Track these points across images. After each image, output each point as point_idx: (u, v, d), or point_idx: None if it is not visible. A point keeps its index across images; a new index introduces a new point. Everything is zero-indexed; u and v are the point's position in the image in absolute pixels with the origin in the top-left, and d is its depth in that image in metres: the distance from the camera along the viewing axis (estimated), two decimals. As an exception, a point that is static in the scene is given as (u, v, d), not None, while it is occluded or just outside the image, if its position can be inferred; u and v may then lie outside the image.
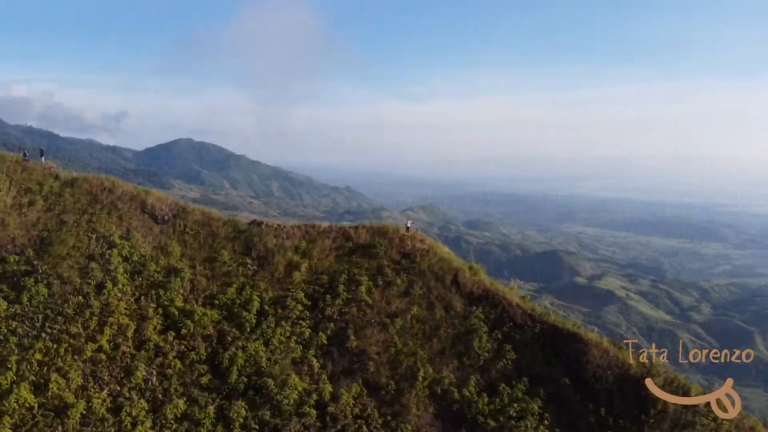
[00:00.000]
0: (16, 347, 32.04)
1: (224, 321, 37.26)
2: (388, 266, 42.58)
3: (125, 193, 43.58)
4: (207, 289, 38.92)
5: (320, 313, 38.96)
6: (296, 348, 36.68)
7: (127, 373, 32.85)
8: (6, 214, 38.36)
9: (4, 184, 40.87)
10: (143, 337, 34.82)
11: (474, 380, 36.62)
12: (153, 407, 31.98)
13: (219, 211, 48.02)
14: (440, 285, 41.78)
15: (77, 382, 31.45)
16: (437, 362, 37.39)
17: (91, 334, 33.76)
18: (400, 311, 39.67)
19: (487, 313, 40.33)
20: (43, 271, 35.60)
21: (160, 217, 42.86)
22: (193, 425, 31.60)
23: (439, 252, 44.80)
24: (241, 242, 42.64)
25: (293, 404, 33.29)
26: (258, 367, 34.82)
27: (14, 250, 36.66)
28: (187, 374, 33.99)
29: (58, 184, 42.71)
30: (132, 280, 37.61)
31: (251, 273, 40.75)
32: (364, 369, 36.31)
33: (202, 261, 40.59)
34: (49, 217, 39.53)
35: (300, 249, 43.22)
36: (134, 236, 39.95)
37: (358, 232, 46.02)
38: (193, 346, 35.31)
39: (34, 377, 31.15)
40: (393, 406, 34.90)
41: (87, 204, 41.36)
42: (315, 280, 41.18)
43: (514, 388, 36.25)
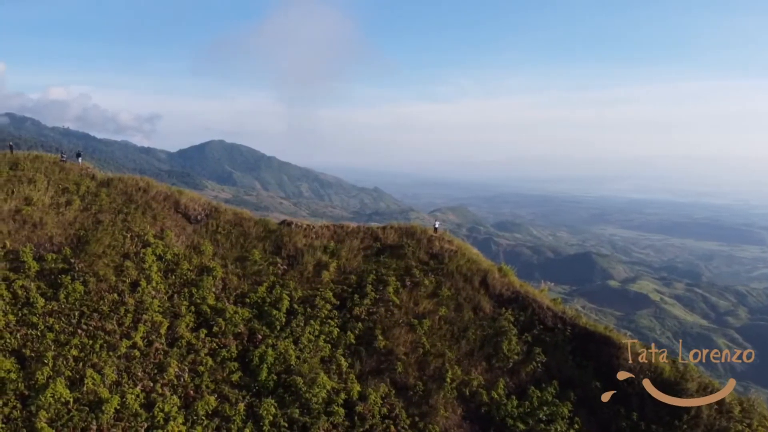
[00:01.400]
0: (52, 343, 32.83)
1: (255, 319, 37.74)
2: (416, 267, 42.57)
3: (159, 193, 44.45)
4: (238, 288, 39.47)
5: (348, 312, 39.15)
6: (325, 347, 36.94)
7: (160, 369, 33.44)
8: (44, 213, 39.45)
9: (43, 184, 42.04)
10: (176, 334, 35.44)
11: (503, 382, 36.35)
12: (185, 403, 32.44)
13: (250, 212, 48.64)
14: (469, 286, 41.56)
15: (111, 377, 32.07)
16: (465, 364, 37.20)
17: (126, 330, 34.48)
18: (428, 312, 39.61)
19: (516, 316, 40.00)
20: (79, 269, 36.47)
21: (193, 217, 43.63)
22: (223, 422, 31.97)
23: (467, 253, 44.59)
24: (271, 242, 43.15)
25: (322, 403, 33.49)
26: (287, 366, 35.14)
27: (52, 248, 37.65)
28: (218, 371, 34.49)
29: (95, 185, 43.77)
30: (165, 279, 38.35)
31: (281, 272, 41.19)
32: (391, 369, 36.35)
33: (234, 260, 41.19)
34: (86, 216, 40.53)
35: (329, 249, 43.53)
36: (168, 235, 40.75)
37: (386, 232, 46.13)
38: (224, 344, 35.83)
39: (70, 372, 31.81)
40: (421, 407, 34.85)
41: (122, 204, 42.31)
42: (343, 280, 41.41)
43: (544, 391, 35.88)
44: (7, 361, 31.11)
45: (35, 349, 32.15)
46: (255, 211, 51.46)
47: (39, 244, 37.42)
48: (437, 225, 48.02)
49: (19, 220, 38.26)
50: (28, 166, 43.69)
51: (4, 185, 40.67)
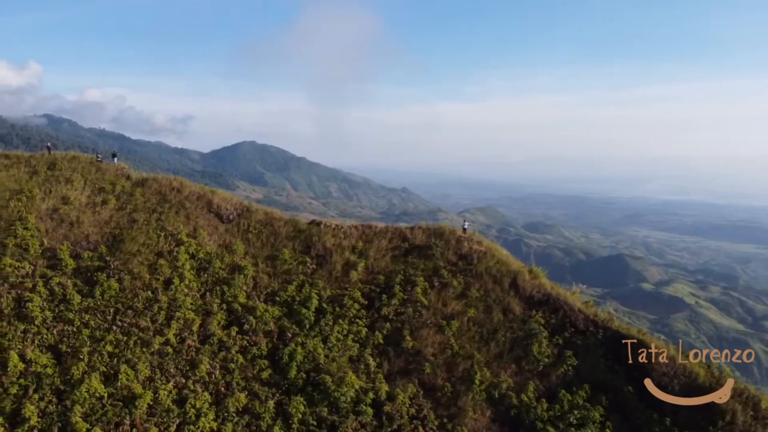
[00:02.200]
0: (88, 339, 33.61)
1: (284, 318, 38.09)
2: (445, 267, 42.41)
3: (192, 193, 45.21)
4: (268, 287, 39.89)
5: (376, 312, 39.22)
6: (353, 346, 37.07)
7: (192, 366, 33.98)
8: (81, 212, 40.47)
9: (80, 184, 43.13)
10: (208, 331, 35.99)
11: (533, 385, 35.94)
12: (216, 400, 32.91)
13: (280, 211, 49.09)
14: (498, 288, 41.22)
15: (145, 373, 32.68)
16: (495, 366, 36.90)
17: (159, 327, 35.14)
18: (457, 313, 39.41)
19: (547, 318, 39.52)
20: (114, 266, 37.28)
21: (225, 217, 44.26)
22: (253, 419, 32.33)
23: (497, 254, 44.24)
24: (301, 241, 43.51)
25: (350, 402, 33.60)
26: (316, 364, 35.37)
27: (88, 246, 38.59)
28: (249, 369, 34.90)
29: (130, 184, 44.73)
30: (198, 277, 38.98)
31: (310, 271, 41.50)
32: (419, 370, 36.27)
33: (264, 259, 41.65)
34: (121, 215, 41.45)
35: (357, 249, 43.69)
36: (201, 234, 41.42)
37: (414, 233, 46.07)
38: (254, 342, 36.25)
39: (105, 368, 32.47)
40: (449, 408, 34.70)
41: (156, 203, 43.16)
42: (371, 280, 41.50)
43: (575, 395, 35.37)
44: (44, 356, 32.01)
45: (71, 344, 33.00)
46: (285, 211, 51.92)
47: (76, 242, 38.37)
48: (466, 226, 47.72)
49: (57, 218, 39.32)
50: (65, 166, 44.86)
51: (42, 184, 41.86)
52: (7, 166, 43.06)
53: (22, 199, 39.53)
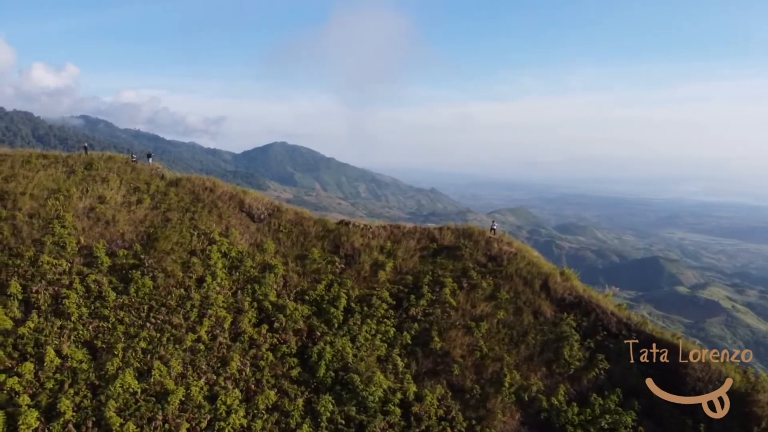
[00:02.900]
0: (122, 335, 34.34)
1: (313, 316, 38.34)
2: (474, 269, 42.12)
3: (225, 193, 45.85)
4: (298, 285, 40.21)
5: (404, 312, 39.17)
6: (381, 346, 37.09)
7: (223, 363, 34.46)
8: (116, 211, 41.39)
9: (115, 184, 44.11)
10: (239, 329, 36.45)
11: (563, 389, 35.44)
12: (246, 397, 33.29)
13: (310, 211, 49.41)
14: (529, 290, 40.75)
15: (177, 370, 33.25)
16: (524, 369, 36.50)
17: (191, 325, 35.72)
18: (486, 315, 39.10)
19: (579, 321, 38.92)
20: (149, 264, 38.02)
21: (256, 216, 44.78)
22: (282, 416, 32.60)
23: (527, 256, 43.73)
24: (330, 241, 43.75)
25: (378, 402, 33.63)
26: (345, 363, 35.50)
27: (123, 244, 39.44)
28: (279, 366, 35.23)
29: (164, 184, 45.58)
30: (230, 275, 39.51)
31: (339, 271, 41.69)
32: (448, 371, 36.09)
33: (294, 258, 42.00)
34: (156, 214, 42.26)
35: (385, 249, 43.72)
36: (233, 233, 41.98)
37: (442, 233, 45.88)
38: (284, 340, 36.57)
39: (138, 364, 33.14)
40: (478, 410, 34.43)
41: (190, 203, 43.89)
42: (399, 280, 41.47)
43: (607, 399, 34.75)
44: (80, 351, 32.83)
45: (106, 340, 33.78)
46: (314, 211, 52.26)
47: (111, 240, 39.27)
48: (495, 226, 47.29)
49: (93, 217, 40.30)
50: (101, 166, 45.93)
51: (79, 184, 42.94)
52: (46, 166, 44.22)
53: (60, 198, 40.63)
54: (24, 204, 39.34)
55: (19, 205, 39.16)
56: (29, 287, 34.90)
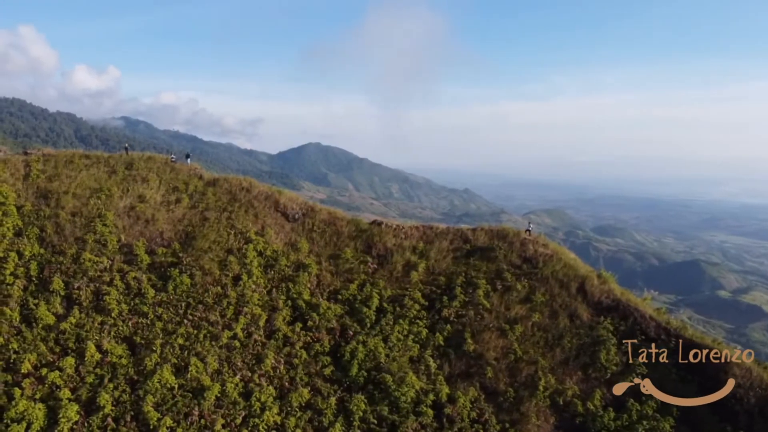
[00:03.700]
0: (161, 332, 35.14)
1: (346, 315, 38.50)
2: (508, 270, 41.64)
3: (261, 193, 46.42)
4: (331, 285, 40.45)
5: (437, 314, 38.99)
6: (413, 347, 37.00)
7: (258, 360, 34.91)
8: (156, 210, 42.34)
9: (155, 183, 45.11)
10: (273, 327, 36.86)
11: (599, 393, 34.75)
12: (280, 394, 33.64)
13: (343, 211, 49.61)
14: (565, 292, 40.09)
15: (213, 366, 33.82)
16: (560, 372, 35.92)
17: (228, 322, 36.30)
18: (521, 318, 38.61)
19: (616, 325, 38.12)
20: (187, 262, 38.81)
21: (291, 216, 45.22)
22: (315, 414, 32.84)
23: (564, 258, 43.01)
24: (362, 241, 43.87)
25: (410, 402, 33.56)
26: (377, 363, 35.54)
27: (162, 243, 40.33)
28: (312, 364, 35.48)
29: (202, 184, 46.39)
30: (265, 273, 40.00)
31: (371, 271, 41.77)
32: (481, 373, 35.77)
33: (328, 257, 42.26)
34: (194, 213, 43.06)
35: (418, 249, 43.60)
36: (268, 233, 42.50)
37: (476, 234, 45.50)
38: (317, 338, 36.84)
39: (176, 360, 33.87)
40: (512, 414, 34.03)
41: (227, 202, 44.58)
42: (432, 281, 41.29)
43: (644, 405, 33.92)
44: (119, 347, 33.70)
45: (145, 336, 34.58)
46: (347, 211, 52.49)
47: (151, 238, 40.18)
48: (531, 228, 46.66)
49: (134, 216, 41.31)
50: (141, 166, 47.01)
51: (120, 183, 44.05)
52: (88, 166, 45.44)
53: (102, 197, 41.77)
54: (67, 203, 40.57)
55: (62, 204, 40.40)
56: (71, 284, 35.99)
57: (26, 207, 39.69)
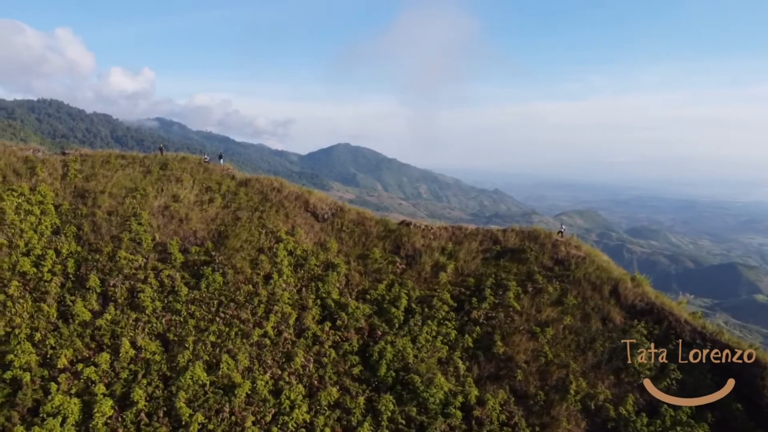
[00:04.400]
0: (193, 329, 35.76)
1: (375, 315, 38.58)
2: (539, 272, 41.13)
3: (291, 193, 46.84)
4: (360, 284, 40.56)
5: (466, 315, 38.74)
6: (442, 348, 36.84)
7: (288, 358, 35.23)
8: (189, 209, 43.06)
9: (189, 183, 45.87)
10: (303, 325, 37.16)
11: (632, 398, 34.07)
12: (309, 392, 33.91)
13: (372, 212, 49.68)
14: (597, 295, 39.41)
15: (244, 363, 34.30)
16: (591, 376, 35.32)
17: (258, 320, 36.74)
18: (552, 320, 38.09)
19: (650, 328, 37.31)
20: (219, 261, 39.39)
21: (320, 216, 45.51)
22: (344, 413, 32.98)
23: (596, 260, 42.28)
24: (391, 241, 43.88)
25: (439, 404, 33.43)
26: (405, 363, 35.50)
27: (195, 241, 41.02)
28: (341, 364, 35.65)
29: (234, 184, 47.01)
30: (295, 273, 40.35)
31: (400, 271, 41.75)
32: (511, 376, 35.41)
33: (356, 257, 42.39)
34: (226, 213, 43.68)
35: (446, 250, 43.40)
36: (298, 232, 42.86)
37: (506, 235, 45.08)
38: (346, 337, 36.99)
39: (208, 357, 34.42)
40: (542, 417, 33.59)
41: (258, 202, 45.10)
42: (461, 282, 41.05)
43: (678, 411, 33.17)
44: (153, 343, 34.39)
45: (178, 333, 35.22)
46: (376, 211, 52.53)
47: (184, 237, 40.89)
48: (563, 229, 45.98)
49: (168, 215, 42.08)
50: (176, 166, 47.85)
51: (155, 183, 44.92)
52: (124, 166, 46.47)
53: (137, 197, 42.67)
54: (103, 202, 41.57)
55: (99, 203, 41.41)
56: (107, 281, 36.87)
57: (64, 206, 40.79)
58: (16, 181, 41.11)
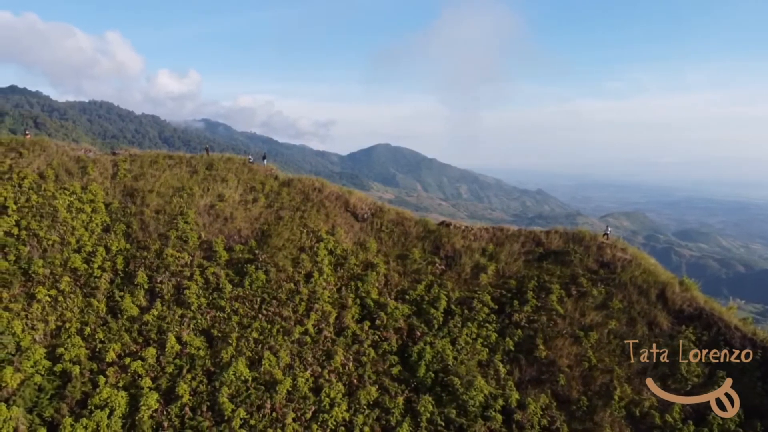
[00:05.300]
0: (237, 325, 36.52)
1: (414, 316, 38.54)
2: (583, 275, 40.30)
3: (332, 193, 47.28)
4: (399, 285, 40.60)
5: (507, 318, 38.28)
6: (482, 351, 36.51)
7: (328, 356, 35.56)
8: (234, 209, 43.96)
9: (234, 183, 46.84)
10: (343, 324, 37.46)
11: (679, 406, 33.02)
12: (348, 391, 34.14)
13: (411, 212, 49.63)
14: (644, 299, 38.35)
15: (285, 360, 34.79)
16: (636, 382, 34.40)
17: (299, 318, 37.23)
18: (596, 324, 37.27)
19: (698, 334, 36.13)
20: (262, 259, 40.09)
21: (360, 216, 45.77)
22: (383, 413, 33.05)
23: (643, 263, 41.14)
24: (430, 242, 43.74)
25: (479, 406, 33.15)
26: (444, 365, 35.34)
27: (240, 240, 41.86)
28: (380, 363, 35.75)
29: (277, 184, 47.75)
30: (335, 272, 40.71)
31: (439, 272, 41.57)
32: (553, 380, 34.82)
33: (395, 257, 42.44)
34: (269, 212, 44.42)
35: (487, 251, 42.97)
36: (338, 232, 43.22)
37: (549, 237, 44.31)
38: (385, 337, 37.08)
39: (250, 353, 35.09)
40: (584, 423, 32.92)
41: (300, 202, 45.70)
42: (502, 284, 40.58)
43: (727, 419, 31.95)
44: (198, 339, 35.26)
45: (222, 329, 36.01)
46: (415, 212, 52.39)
47: (229, 236, 41.79)
48: (609, 231, 44.91)
49: (213, 214, 43.07)
50: (221, 166, 48.92)
51: (201, 183, 46.03)
52: (171, 166, 47.77)
53: (184, 196, 43.81)
54: (151, 201, 42.84)
55: (147, 202, 42.69)
56: (154, 278, 38.00)
57: (114, 204, 42.22)
58: (69, 180, 42.77)
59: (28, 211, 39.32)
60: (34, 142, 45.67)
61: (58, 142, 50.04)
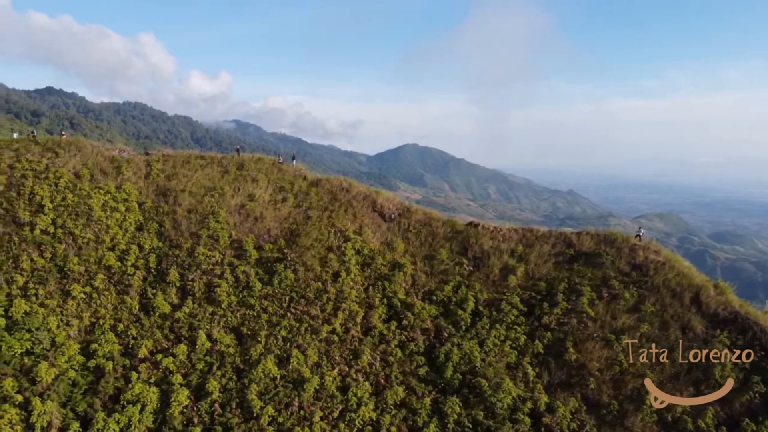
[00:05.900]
0: (266, 323, 36.95)
1: (441, 317, 38.43)
2: (615, 278, 39.62)
3: (359, 193, 47.46)
4: (426, 285, 40.52)
5: (536, 320, 37.89)
6: (511, 353, 36.21)
7: (355, 355, 35.72)
8: (264, 208, 44.47)
9: (264, 183, 47.38)
10: (370, 324, 37.58)
11: (712, 411, 32.24)
12: (375, 390, 34.25)
13: (438, 212, 49.49)
14: (677, 303, 37.54)
15: (313, 359, 35.09)
16: (669, 387, 33.67)
17: (327, 317, 37.48)
18: (628, 328, 36.61)
19: (733, 339, 35.19)
20: (291, 258, 40.46)
21: (387, 216, 45.82)
22: (410, 413, 33.06)
23: (677, 266, 40.27)
24: (458, 242, 43.53)
25: (507, 409, 32.89)
26: (472, 366, 35.15)
27: (269, 239, 42.32)
28: (407, 363, 35.75)
29: (306, 184, 48.15)
30: (362, 271, 40.86)
31: (467, 273, 41.34)
32: (583, 384, 34.33)
33: (422, 258, 42.37)
34: (298, 212, 44.81)
35: (516, 253, 42.57)
36: (366, 232, 43.36)
37: (580, 238, 43.67)
38: (412, 337, 37.06)
39: (279, 351, 35.48)
40: (615, 428, 32.39)
41: (328, 202, 45.99)
42: (531, 286, 40.17)
43: (761, 425, 31.25)
44: (228, 336, 35.78)
45: (251, 327, 36.48)
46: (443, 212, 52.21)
47: (259, 235, 42.29)
48: (641, 233, 44.07)
49: (244, 213, 43.64)
50: (251, 166, 49.53)
51: (232, 183, 46.67)
52: (203, 166, 48.57)
53: (215, 196, 44.50)
54: (183, 200, 43.62)
55: (179, 201, 43.48)
56: (186, 275, 38.69)
57: (147, 203, 43.12)
58: (103, 179, 43.83)
59: (63, 209, 40.41)
60: (69, 143, 46.94)
61: (93, 142, 51.34)
